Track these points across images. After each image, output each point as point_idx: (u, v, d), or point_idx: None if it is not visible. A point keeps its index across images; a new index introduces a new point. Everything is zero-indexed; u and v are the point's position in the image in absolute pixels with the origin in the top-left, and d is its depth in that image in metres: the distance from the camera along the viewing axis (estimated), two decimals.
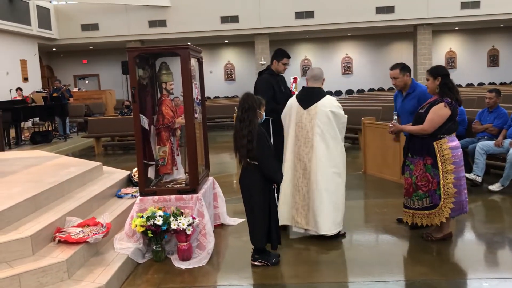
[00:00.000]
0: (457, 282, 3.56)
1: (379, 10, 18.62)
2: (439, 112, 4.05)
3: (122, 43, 19.90)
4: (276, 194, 3.97)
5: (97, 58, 23.50)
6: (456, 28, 22.15)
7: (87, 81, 24.09)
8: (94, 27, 19.87)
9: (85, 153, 11.47)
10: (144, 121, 4.42)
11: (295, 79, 5.57)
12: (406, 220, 4.36)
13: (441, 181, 4.07)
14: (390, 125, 4.52)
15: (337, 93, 23.22)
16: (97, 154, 11.30)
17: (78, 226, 3.93)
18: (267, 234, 3.89)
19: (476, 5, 18.30)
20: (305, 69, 22.89)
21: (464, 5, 18.36)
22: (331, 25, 19.03)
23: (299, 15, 18.99)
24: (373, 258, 4.05)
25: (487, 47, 22.94)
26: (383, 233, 4.74)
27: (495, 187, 5.89)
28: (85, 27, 19.88)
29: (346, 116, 4.46)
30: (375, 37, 22.75)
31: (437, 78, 4.16)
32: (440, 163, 4.06)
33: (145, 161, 4.40)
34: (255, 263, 3.92)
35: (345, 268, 3.87)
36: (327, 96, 4.45)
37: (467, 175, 5.77)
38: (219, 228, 4.95)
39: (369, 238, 4.66)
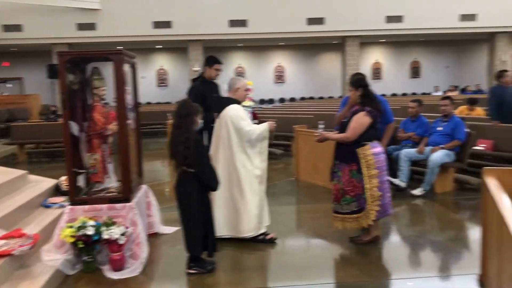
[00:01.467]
0: (384, 282, 3.75)
1: (310, 21, 19.21)
2: (360, 121, 4.28)
3: (48, 45, 19.03)
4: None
5: (21, 61, 22.29)
6: (382, 40, 23.31)
7: (9, 85, 22.75)
8: (17, 28, 18.85)
9: (6, 161, 10.81)
10: (74, 128, 4.27)
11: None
12: (336, 225, 4.52)
13: (367, 185, 4.27)
14: (317, 133, 4.67)
15: (270, 101, 23.62)
16: (20, 162, 10.70)
17: (2, 238, 3.71)
18: (203, 241, 3.89)
19: (400, 19, 19.39)
20: (239, 76, 23.10)
21: (389, 19, 19.38)
22: (264, 34, 19.38)
23: (233, 23, 19.17)
24: (307, 262, 4.16)
25: (409, 59, 24.34)
26: (315, 237, 4.89)
27: (417, 191, 6.25)
28: (7, 28, 18.82)
29: (248, 128, 4.41)
30: (306, 47, 23.42)
31: (358, 89, 4.40)
32: (364, 168, 4.27)
33: (74, 169, 4.24)
34: (191, 271, 3.89)
35: (281, 273, 3.94)
36: (232, 105, 4.51)
37: (393, 180, 6.10)
38: (153, 237, 4.87)
39: (302, 243, 4.78)
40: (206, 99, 5.13)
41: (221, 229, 4.50)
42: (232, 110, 4.48)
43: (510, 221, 2.21)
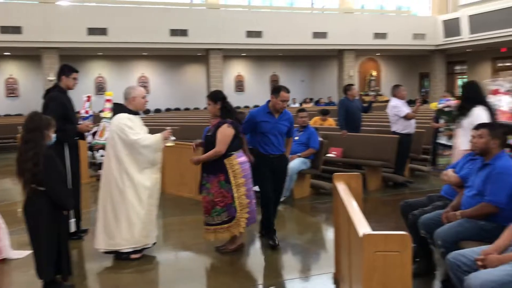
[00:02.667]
0: None
1: (173, 32, 19.16)
2: (225, 133, 4.41)
3: None
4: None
5: None
6: (243, 54, 24.19)
7: None
8: None
9: None
10: None
11: (88, 97, 5.36)
12: (208, 237, 4.55)
13: (235, 194, 4.40)
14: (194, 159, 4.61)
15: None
16: None
17: None
18: (56, 264, 3.61)
19: (259, 34, 20.34)
20: (99, 87, 22.06)
21: (249, 34, 20.20)
22: (125, 43, 18.79)
23: (92, 31, 18.26)
24: (176, 275, 4.13)
25: (269, 73, 25.62)
26: (183, 250, 4.87)
27: None
28: None
29: (135, 137, 4.31)
30: (171, 58, 23.30)
31: (217, 102, 4.52)
32: (232, 178, 4.39)
33: None
34: None
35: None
36: (120, 114, 4.44)
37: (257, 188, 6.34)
38: (1, 263, 4.40)
39: (170, 257, 4.72)
40: (68, 110, 4.88)
41: (100, 242, 4.32)
42: (118, 119, 4.39)
43: (356, 222, 2.45)
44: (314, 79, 26.08)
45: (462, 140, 4.82)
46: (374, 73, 26.09)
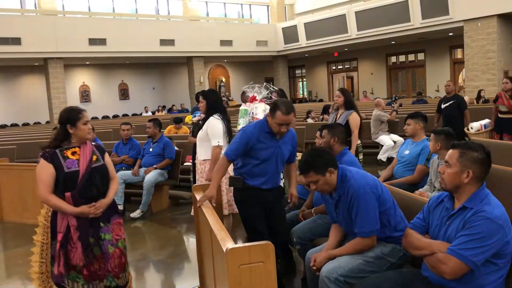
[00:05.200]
0: None
1: (3, 41, 17.21)
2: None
3: None
4: None
5: None
6: (87, 62, 22.87)
7: None
8: None
9: None
10: None
11: None
12: None
13: None
14: None
15: None
16: None
17: None
18: None
19: (103, 42, 19.40)
20: None
21: (92, 42, 19.15)
22: None
23: None
24: None
25: (117, 81, 24.62)
26: (31, 284, 4.33)
27: (135, 214, 6.29)
28: None
29: None
30: (2, 69, 20.97)
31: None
32: None
33: None
34: None
35: None
36: None
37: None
38: None
39: None
40: None
41: None
42: None
43: (219, 236, 2.39)
44: (165, 87, 25.80)
45: (199, 151, 4.69)
46: (224, 78, 26.78)
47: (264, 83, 5.60)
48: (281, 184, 4.79)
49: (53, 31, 18.25)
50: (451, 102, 8.00)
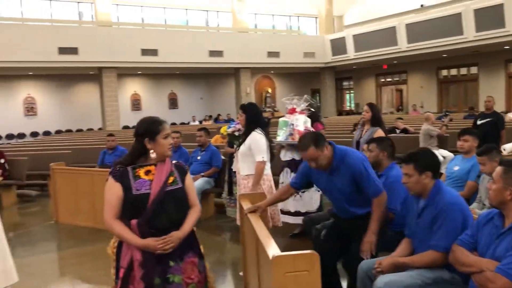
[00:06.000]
0: None
1: (62, 50, 18.15)
2: None
3: None
4: None
5: None
6: (139, 72, 23.66)
7: None
8: None
9: None
10: None
11: None
12: None
13: None
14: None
15: (20, 136, 21.29)
16: None
17: None
18: None
19: (155, 53, 20.02)
20: None
21: (144, 52, 19.79)
22: (8, 62, 17.41)
23: None
24: None
25: (167, 91, 25.30)
26: (82, 283, 4.53)
27: None
28: None
29: None
30: (59, 77, 22.03)
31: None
32: None
33: None
34: None
35: None
36: None
37: None
38: None
39: None
40: None
41: None
42: None
43: (265, 243, 2.44)
44: (212, 97, 26.26)
45: (242, 166, 4.61)
46: (270, 90, 26.95)
47: (305, 96, 5.63)
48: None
49: (108, 42, 19.02)
50: (488, 119, 7.61)
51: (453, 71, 22.70)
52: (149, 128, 2.55)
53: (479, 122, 7.74)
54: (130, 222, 2.41)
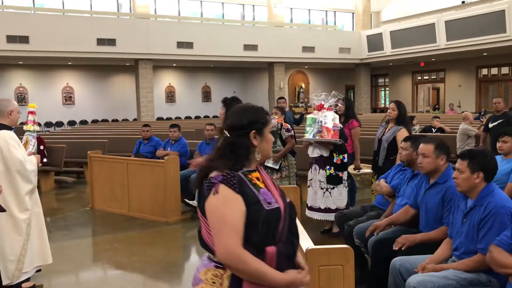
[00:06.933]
0: None
1: (100, 41, 18.54)
2: None
3: None
4: None
5: None
6: (174, 65, 23.92)
7: None
8: None
9: None
10: None
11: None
12: None
13: None
14: None
15: (59, 124, 21.89)
16: None
17: None
18: None
19: (190, 45, 20.18)
20: (20, 97, 20.80)
21: (179, 45, 20.00)
22: (48, 52, 17.92)
23: (12, 39, 17.25)
24: None
25: (201, 84, 25.50)
26: (115, 269, 4.64)
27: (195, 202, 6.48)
28: None
29: (22, 159, 3.78)
30: (97, 68, 22.50)
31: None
32: None
33: None
34: None
35: None
36: (2, 132, 3.79)
37: (191, 202, 6.25)
38: None
39: (99, 278, 4.49)
40: None
41: None
42: (5, 137, 3.74)
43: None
44: (246, 90, 26.30)
45: None
46: (303, 85, 26.79)
47: (333, 91, 5.55)
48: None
49: (145, 34, 19.31)
50: (500, 121, 7.38)
51: (494, 70, 22.00)
52: (256, 118, 1.82)
53: (491, 125, 7.54)
54: (265, 250, 1.67)
